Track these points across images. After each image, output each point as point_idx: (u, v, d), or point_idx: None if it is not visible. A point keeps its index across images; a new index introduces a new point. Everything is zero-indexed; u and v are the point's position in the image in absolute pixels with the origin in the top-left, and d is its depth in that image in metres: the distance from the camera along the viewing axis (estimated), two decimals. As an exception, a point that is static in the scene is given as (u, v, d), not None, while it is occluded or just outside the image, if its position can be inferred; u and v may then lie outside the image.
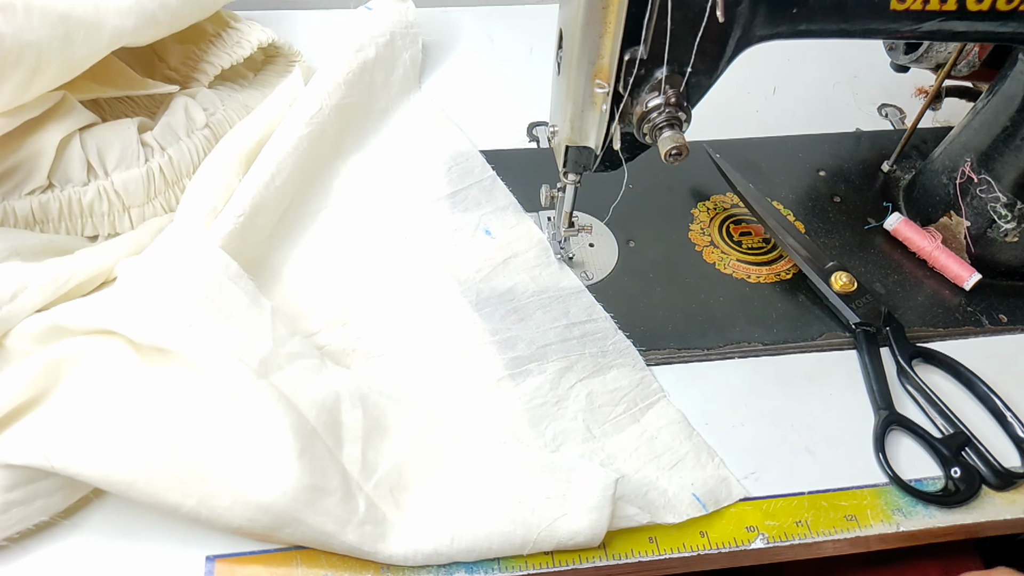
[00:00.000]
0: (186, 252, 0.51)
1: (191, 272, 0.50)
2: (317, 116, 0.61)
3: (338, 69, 0.64)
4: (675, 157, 0.45)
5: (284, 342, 0.50)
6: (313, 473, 0.44)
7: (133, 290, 0.50)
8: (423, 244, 0.61)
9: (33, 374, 0.45)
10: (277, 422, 0.45)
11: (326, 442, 0.46)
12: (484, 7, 0.82)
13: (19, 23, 0.50)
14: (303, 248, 0.60)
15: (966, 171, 0.59)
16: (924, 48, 0.62)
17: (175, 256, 0.51)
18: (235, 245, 0.54)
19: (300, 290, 0.58)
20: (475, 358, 0.55)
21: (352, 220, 0.62)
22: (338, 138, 0.64)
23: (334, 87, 0.63)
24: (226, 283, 0.50)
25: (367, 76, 0.66)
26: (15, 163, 0.54)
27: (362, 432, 0.48)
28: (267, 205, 0.57)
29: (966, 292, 0.61)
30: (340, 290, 0.58)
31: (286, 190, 0.59)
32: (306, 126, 0.61)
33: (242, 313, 0.49)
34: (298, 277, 0.58)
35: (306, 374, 0.49)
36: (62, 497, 0.45)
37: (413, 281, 0.59)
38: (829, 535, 0.48)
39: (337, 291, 0.58)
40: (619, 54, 0.45)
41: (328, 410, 0.48)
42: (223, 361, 0.46)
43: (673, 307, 0.59)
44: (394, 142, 0.67)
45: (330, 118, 0.62)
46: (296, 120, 0.61)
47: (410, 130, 0.68)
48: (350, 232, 0.61)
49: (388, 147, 0.67)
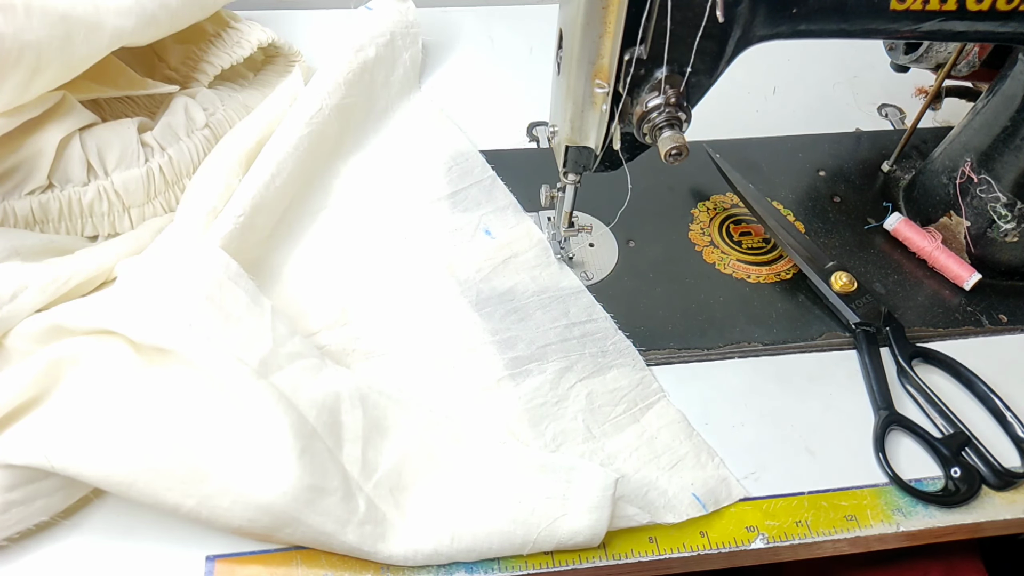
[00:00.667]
0: (186, 252, 0.51)
1: (191, 272, 0.50)
2: (317, 116, 0.61)
3: (338, 69, 0.64)
4: (675, 157, 0.45)
5: (284, 342, 0.49)
6: (313, 473, 0.44)
7: (133, 290, 0.50)
8: (423, 244, 0.61)
9: (33, 374, 0.45)
10: (277, 422, 0.45)
11: (326, 442, 0.46)
12: (484, 7, 0.82)
13: (19, 23, 0.50)
14: (303, 248, 0.60)
15: (966, 171, 0.59)
16: (924, 48, 0.62)
17: (175, 256, 0.51)
18: (235, 245, 0.54)
19: (300, 290, 0.58)
20: (475, 358, 0.55)
21: (352, 220, 0.62)
22: (338, 138, 0.64)
23: (334, 87, 0.63)
24: (226, 283, 0.50)
25: (367, 76, 0.66)
26: (15, 163, 0.54)
27: (362, 432, 0.48)
28: (267, 205, 0.57)
29: (966, 292, 0.61)
30: (340, 290, 0.58)
31: (286, 190, 0.59)
32: (306, 126, 0.61)
33: (242, 313, 0.49)
34: (298, 277, 0.58)
35: (306, 374, 0.49)
36: (62, 497, 0.45)
37: (413, 281, 0.59)
38: (829, 535, 0.48)
39: (337, 291, 0.58)
40: (619, 54, 0.45)
41: (328, 410, 0.48)
42: (223, 361, 0.46)
43: (673, 307, 0.59)
44: (394, 142, 0.67)
45: (330, 118, 0.62)
46: (296, 120, 0.61)
47: (410, 130, 0.68)
48: (350, 232, 0.61)
49: (388, 147, 0.67)
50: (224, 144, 0.61)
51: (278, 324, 0.50)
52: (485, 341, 0.55)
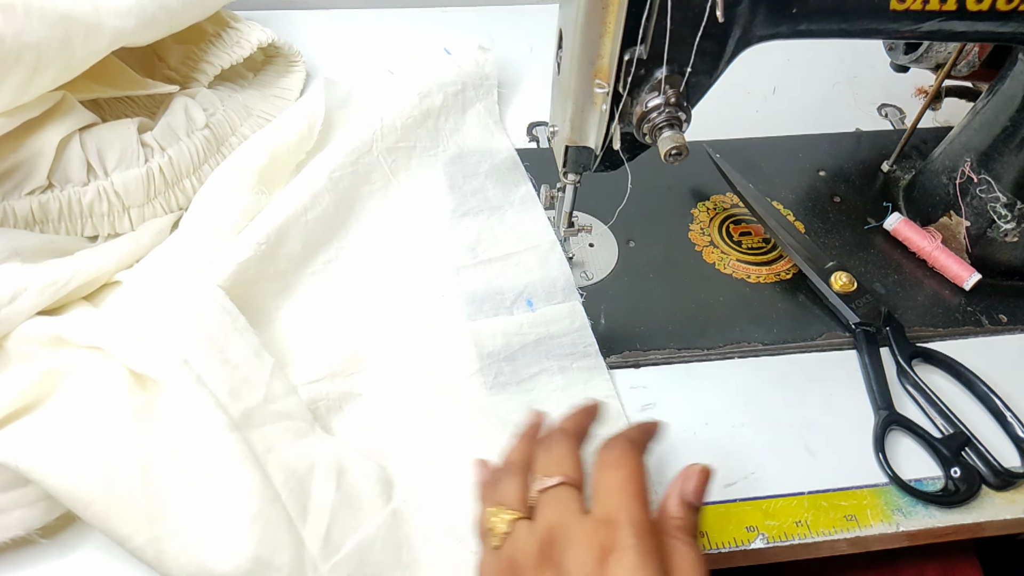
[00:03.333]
0: (196, 288, 0.50)
1: (199, 309, 0.48)
2: (366, 157, 0.60)
3: (398, 112, 0.62)
4: (675, 157, 0.45)
5: (277, 399, 0.47)
6: (262, 543, 0.42)
7: (136, 312, 0.49)
8: (455, 302, 0.56)
9: (29, 382, 0.45)
10: (238, 480, 0.43)
11: (288, 510, 0.43)
12: (484, 7, 0.82)
13: (19, 23, 0.50)
14: (323, 287, 0.57)
15: (966, 171, 0.59)
16: (924, 48, 0.62)
17: (185, 287, 0.50)
18: (252, 272, 0.53)
19: (316, 331, 0.55)
20: (476, 440, 0.50)
21: (385, 269, 0.58)
22: (384, 182, 0.62)
23: (390, 129, 0.62)
24: (231, 332, 0.48)
25: (430, 123, 0.64)
26: (15, 163, 0.54)
27: (331, 506, 0.45)
28: (294, 236, 0.56)
29: (966, 292, 0.60)
30: (357, 338, 0.54)
31: (317, 225, 0.57)
32: (351, 164, 0.59)
33: (240, 361, 0.48)
34: (316, 317, 0.56)
35: (286, 436, 0.46)
36: (43, 510, 0.44)
37: (432, 342, 0.54)
38: (829, 535, 0.48)
39: (354, 339, 0.54)
40: (619, 54, 0.45)
41: (298, 479, 0.45)
42: (202, 406, 0.44)
43: (673, 307, 0.59)
44: (457, 194, 0.62)
45: (379, 161, 0.61)
46: (340, 154, 0.59)
47: (483, 182, 0.63)
48: (380, 279, 0.58)
49: (447, 197, 0.62)
50: (237, 157, 0.60)
51: (276, 381, 0.48)
52: (491, 434, 0.50)
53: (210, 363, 0.46)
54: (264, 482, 0.43)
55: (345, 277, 0.58)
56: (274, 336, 0.54)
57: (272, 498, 0.43)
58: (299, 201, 0.56)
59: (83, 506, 0.42)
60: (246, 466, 0.43)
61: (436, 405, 0.52)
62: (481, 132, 0.67)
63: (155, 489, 0.43)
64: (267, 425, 0.46)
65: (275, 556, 0.42)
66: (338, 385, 0.51)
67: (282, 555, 0.42)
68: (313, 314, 0.56)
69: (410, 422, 0.51)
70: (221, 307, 0.49)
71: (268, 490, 0.43)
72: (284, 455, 0.45)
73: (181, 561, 0.42)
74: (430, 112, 0.65)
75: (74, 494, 0.42)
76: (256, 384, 0.47)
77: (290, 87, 0.70)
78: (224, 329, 0.48)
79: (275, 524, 0.42)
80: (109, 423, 0.44)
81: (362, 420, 0.51)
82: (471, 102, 0.68)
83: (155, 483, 0.43)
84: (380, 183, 0.61)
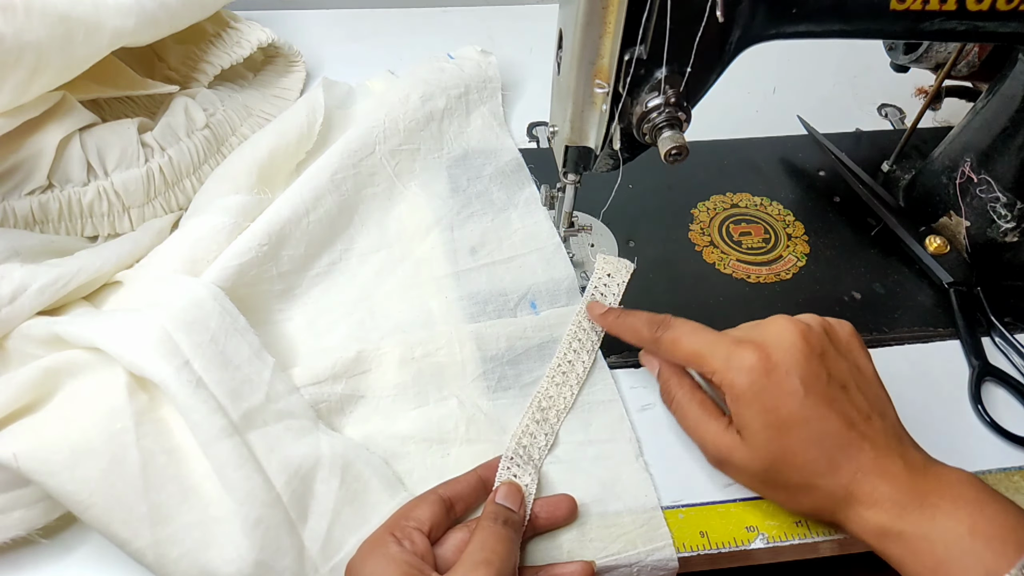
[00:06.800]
0: (197, 289, 0.50)
1: (200, 312, 0.48)
2: (369, 159, 0.60)
3: (400, 114, 0.62)
4: (675, 157, 0.45)
5: (278, 399, 0.47)
6: (263, 548, 0.42)
7: (136, 313, 0.48)
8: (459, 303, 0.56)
9: (31, 381, 0.45)
10: (238, 485, 0.43)
11: (289, 513, 0.44)
12: (484, 7, 0.82)
13: (19, 23, 0.50)
14: (326, 288, 0.57)
15: (966, 171, 0.59)
16: (924, 48, 0.62)
17: (186, 289, 0.50)
18: (253, 274, 0.53)
19: (318, 333, 0.55)
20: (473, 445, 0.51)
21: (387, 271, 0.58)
22: (388, 184, 0.61)
23: (392, 132, 0.62)
24: (233, 333, 0.48)
25: (434, 126, 0.64)
26: (15, 163, 0.54)
27: (333, 505, 0.45)
28: (296, 239, 0.56)
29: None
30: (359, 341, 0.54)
31: (319, 227, 0.57)
32: (353, 167, 0.59)
33: (242, 362, 0.48)
34: (318, 319, 0.55)
35: (289, 435, 0.46)
36: (43, 510, 0.44)
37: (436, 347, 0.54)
38: (829, 535, 0.48)
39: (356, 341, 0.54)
40: (619, 54, 0.45)
41: (301, 477, 0.45)
42: (202, 410, 0.44)
43: (673, 307, 0.59)
44: (461, 194, 0.62)
45: (382, 163, 0.61)
46: (342, 156, 0.59)
47: (487, 186, 0.63)
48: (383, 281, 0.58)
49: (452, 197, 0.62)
50: (237, 155, 0.60)
51: (277, 380, 0.48)
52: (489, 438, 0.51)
53: (211, 364, 0.46)
54: (266, 485, 0.43)
55: (348, 279, 0.58)
56: (276, 338, 0.54)
57: (274, 502, 0.43)
58: (301, 203, 0.56)
59: (83, 508, 0.42)
60: (245, 471, 0.43)
61: (438, 408, 0.52)
62: (486, 135, 0.67)
63: (156, 492, 0.43)
64: (269, 425, 0.46)
65: (277, 560, 0.42)
66: (340, 387, 0.51)
67: (284, 558, 0.42)
68: (315, 316, 0.56)
69: (412, 425, 0.51)
70: (222, 308, 0.49)
71: (270, 494, 0.43)
72: (287, 454, 0.45)
73: (182, 565, 0.42)
74: (433, 115, 0.65)
75: (74, 495, 0.42)
76: (257, 384, 0.47)
77: (290, 87, 0.71)
78: (225, 330, 0.48)
79: (277, 528, 0.43)
80: (109, 424, 0.44)
81: (364, 422, 0.51)
82: (475, 105, 0.68)
83: (156, 486, 0.43)
84: (384, 185, 0.61)
